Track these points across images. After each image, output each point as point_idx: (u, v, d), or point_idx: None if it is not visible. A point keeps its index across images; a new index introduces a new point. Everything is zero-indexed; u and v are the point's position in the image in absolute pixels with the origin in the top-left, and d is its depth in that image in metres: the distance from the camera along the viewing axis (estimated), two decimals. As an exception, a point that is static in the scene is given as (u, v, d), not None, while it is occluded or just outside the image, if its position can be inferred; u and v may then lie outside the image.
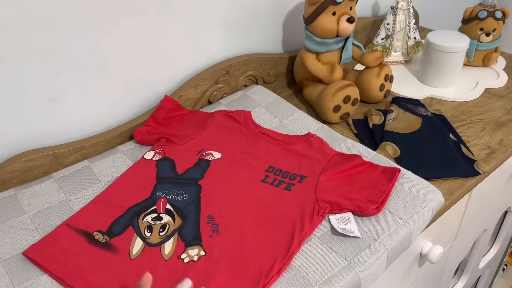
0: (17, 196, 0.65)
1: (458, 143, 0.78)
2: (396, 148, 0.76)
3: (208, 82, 0.86)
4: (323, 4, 0.79)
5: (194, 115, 0.81)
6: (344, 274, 0.54)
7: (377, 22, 1.13)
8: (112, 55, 0.74)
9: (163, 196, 0.64)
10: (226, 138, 0.75)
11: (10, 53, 0.64)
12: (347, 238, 0.58)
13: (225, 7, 0.85)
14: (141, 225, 0.60)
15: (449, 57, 0.92)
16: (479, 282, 1.43)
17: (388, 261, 0.58)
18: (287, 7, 0.95)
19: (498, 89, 0.96)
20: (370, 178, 0.66)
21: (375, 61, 0.86)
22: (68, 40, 0.68)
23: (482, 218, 0.98)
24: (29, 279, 0.54)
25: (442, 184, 0.72)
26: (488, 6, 0.97)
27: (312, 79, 0.90)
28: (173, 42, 0.81)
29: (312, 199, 0.62)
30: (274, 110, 0.83)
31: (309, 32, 0.84)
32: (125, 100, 0.80)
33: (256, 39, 0.94)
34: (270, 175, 0.67)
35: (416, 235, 0.62)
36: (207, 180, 0.67)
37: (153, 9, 0.75)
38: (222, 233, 0.58)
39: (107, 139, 0.77)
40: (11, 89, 0.66)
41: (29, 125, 0.70)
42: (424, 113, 0.85)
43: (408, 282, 0.81)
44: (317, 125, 0.79)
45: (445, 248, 0.85)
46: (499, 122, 0.86)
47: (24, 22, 0.63)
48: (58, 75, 0.70)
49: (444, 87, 0.96)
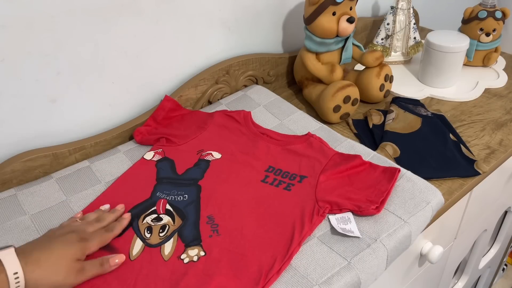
0: (17, 196, 0.66)
1: (458, 143, 0.78)
2: (396, 148, 0.76)
3: (208, 82, 0.86)
4: (323, 4, 0.79)
5: (194, 115, 0.81)
6: (344, 274, 0.54)
7: (377, 22, 1.14)
8: (112, 55, 0.74)
9: (163, 197, 0.64)
10: (226, 138, 0.75)
11: (10, 53, 0.64)
12: (347, 238, 0.58)
13: (225, 7, 0.85)
14: (141, 226, 0.60)
15: (449, 57, 0.92)
16: (479, 282, 1.43)
17: (388, 261, 0.58)
18: (287, 7, 0.95)
19: (498, 89, 0.96)
20: (370, 178, 0.66)
21: (375, 61, 0.86)
22: (68, 40, 0.68)
23: (482, 218, 0.98)
24: (29, 279, 0.54)
25: (442, 184, 0.72)
26: (488, 6, 0.97)
27: (312, 79, 0.90)
28: (173, 42, 0.81)
29: (312, 199, 0.62)
30: (274, 110, 0.83)
31: (309, 32, 0.84)
32: (125, 100, 0.80)
33: (256, 39, 0.94)
34: (270, 175, 0.67)
35: (416, 235, 0.62)
36: (207, 180, 0.67)
37: (153, 9, 0.76)
38: (222, 233, 0.58)
39: (107, 139, 0.77)
40: (11, 89, 0.66)
41: (29, 125, 0.70)
42: (424, 113, 0.85)
43: (408, 282, 0.81)
44: (317, 125, 0.79)
45: (445, 248, 0.85)
46: (499, 122, 0.86)
47: (24, 22, 0.63)
48: (58, 75, 0.70)
49: (444, 87, 0.96)
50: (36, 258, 0.49)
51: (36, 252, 0.50)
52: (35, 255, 0.50)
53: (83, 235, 0.54)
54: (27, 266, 0.48)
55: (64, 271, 0.50)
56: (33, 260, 0.49)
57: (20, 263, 0.48)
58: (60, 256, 0.51)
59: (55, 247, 0.51)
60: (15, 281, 0.47)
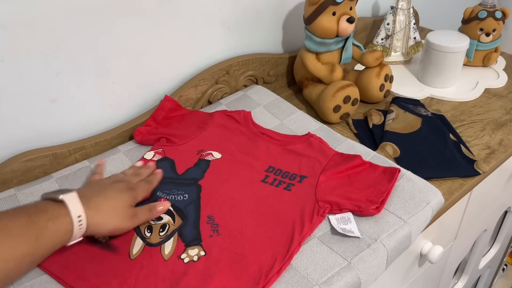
0: (17, 196, 0.65)
1: (458, 143, 0.78)
2: (396, 148, 0.76)
3: (208, 82, 0.86)
4: (323, 4, 0.79)
5: (194, 115, 0.81)
6: (344, 274, 0.54)
7: (377, 22, 1.14)
8: (112, 55, 0.74)
9: (163, 196, 0.64)
10: (226, 138, 0.75)
11: (10, 53, 0.64)
12: (347, 238, 0.58)
13: (226, 7, 0.85)
14: (141, 225, 0.60)
15: (449, 57, 0.92)
16: (479, 282, 1.43)
17: (388, 261, 0.58)
18: (287, 7, 0.95)
19: (498, 89, 0.96)
20: (370, 178, 0.66)
21: (375, 61, 0.86)
22: (68, 40, 0.68)
23: (482, 218, 0.98)
24: (29, 279, 0.54)
25: (442, 184, 0.72)
26: (488, 6, 0.97)
27: (312, 79, 0.90)
28: (173, 42, 0.81)
29: (312, 199, 0.62)
30: (274, 110, 0.83)
31: (309, 32, 0.84)
32: (125, 100, 0.80)
33: (256, 39, 0.94)
34: (270, 175, 0.67)
35: (416, 235, 0.62)
36: (207, 180, 0.67)
37: (153, 9, 0.76)
38: (222, 233, 0.58)
39: (107, 139, 0.77)
40: (11, 89, 0.66)
41: (29, 125, 0.70)
42: (424, 113, 0.85)
43: (408, 282, 0.81)
44: (317, 125, 0.79)
45: (445, 248, 0.85)
46: (499, 122, 0.86)
47: (24, 22, 0.63)
48: (58, 75, 0.70)
49: (444, 87, 0.96)
50: (96, 204, 0.52)
51: (95, 198, 0.53)
52: (94, 200, 0.52)
53: (130, 185, 0.58)
54: (89, 211, 0.51)
55: (120, 216, 0.54)
56: (93, 205, 0.52)
57: (83, 207, 0.50)
58: (115, 202, 0.54)
59: (110, 194, 0.55)
60: (79, 223, 0.50)
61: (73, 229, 0.49)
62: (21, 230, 0.45)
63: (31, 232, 0.46)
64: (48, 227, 0.47)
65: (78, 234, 0.50)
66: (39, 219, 0.47)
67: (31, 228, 0.46)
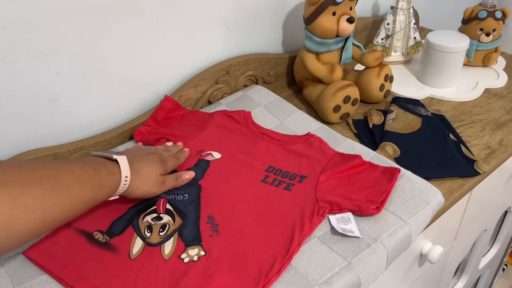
0: (17, 196, 0.65)
1: (458, 143, 0.78)
2: (396, 148, 0.76)
3: (208, 82, 0.86)
4: (323, 4, 0.79)
5: (194, 115, 0.81)
6: (344, 274, 0.54)
7: (377, 22, 1.14)
8: (112, 55, 0.74)
9: (163, 196, 0.64)
10: (226, 138, 0.75)
11: (10, 53, 0.64)
12: (347, 238, 0.58)
13: (225, 7, 0.85)
14: (141, 225, 0.60)
15: (449, 57, 0.92)
16: (479, 282, 1.43)
17: (388, 261, 0.58)
18: (287, 8, 0.95)
19: (498, 89, 0.96)
20: (370, 178, 0.66)
21: (375, 61, 0.86)
22: (68, 40, 0.68)
23: (482, 218, 0.98)
24: (29, 279, 0.54)
25: (442, 184, 0.72)
26: (488, 6, 0.97)
27: (312, 79, 0.90)
28: (173, 42, 0.81)
29: (312, 199, 0.62)
30: (274, 110, 0.83)
31: (309, 32, 0.84)
32: (125, 100, 0.80)
33: (256, 39, 0.94)
34: (270, 175, 0.67)
35: (416, 235, 0.62)
36: (207, 180, 0.67)
37: (153, 9, 0.76)
38: (222, 233, 0.58)
39: (107, 139, 0.77)
40: (11, 89, 0.66)
41: (29, 125, 0.70)
42: (424, 113, 0.85)
43: (408, 282, 0.81)
44: (317, 125, 0.79)
45: (445, 248, 0.85)
46: (499, 122, 0.86)
47: (24, 22, 0.63)
48: (58, 75, 0.70)
49: (444, 87, 0.96)
50: (137, 169, 0.58)
51: (136, 164, 0.59)
52: (136, 166, 0.59)
53: (162, 158, 0.64)
54: (133, 173, 0.57)
55: (153, 182, 0.60)
56: (135, 169, 0.58)
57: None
58: (151, 170, 0.61)
59: (147, 163, 0.61)
60: (124, 183, 0.56)
61: (119, 186, 0.56)
62: (90, 178, 0.52)
63: (97, 181, 0.53)
64: (108, 180, 0.54)
65: (120, 191, 0.57)
66: (101, 172, 0.54)
67: (97, 178, 0.53)
